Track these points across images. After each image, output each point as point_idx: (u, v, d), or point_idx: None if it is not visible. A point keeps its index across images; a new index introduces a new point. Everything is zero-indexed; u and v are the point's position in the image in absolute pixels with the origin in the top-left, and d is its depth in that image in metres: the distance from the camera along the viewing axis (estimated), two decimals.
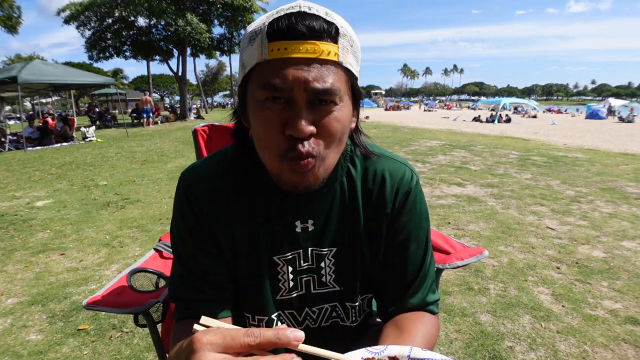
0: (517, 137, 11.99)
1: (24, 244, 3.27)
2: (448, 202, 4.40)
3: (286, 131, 0.54)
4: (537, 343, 1.89)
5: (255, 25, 0.57)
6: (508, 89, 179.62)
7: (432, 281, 0.74)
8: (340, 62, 0.55)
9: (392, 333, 0.66)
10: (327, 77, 0.53)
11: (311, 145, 0.55)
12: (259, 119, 0.56)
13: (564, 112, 38.43)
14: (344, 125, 0.58)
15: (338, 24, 0.55)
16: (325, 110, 0.55)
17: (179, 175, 0.71)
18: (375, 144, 0.74)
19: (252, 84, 0.57)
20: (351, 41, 0.57)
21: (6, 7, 18.46)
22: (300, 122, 0.53)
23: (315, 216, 0.69)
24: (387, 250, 0.72)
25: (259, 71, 0.55)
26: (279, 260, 0.70)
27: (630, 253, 2.96)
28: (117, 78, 34.44)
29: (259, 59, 0.54)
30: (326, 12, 0.55)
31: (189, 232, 0.68)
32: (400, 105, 44.34)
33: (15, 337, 1.99)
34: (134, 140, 11.08)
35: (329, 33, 0.53)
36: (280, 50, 0.52)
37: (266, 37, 0.53)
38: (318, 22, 0.53)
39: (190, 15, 16.65)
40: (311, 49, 0.52)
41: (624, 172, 6.09)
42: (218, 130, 1.31)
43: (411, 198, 0.71)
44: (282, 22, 0.52)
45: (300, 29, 0.52)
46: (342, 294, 0.74)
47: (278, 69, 0.52)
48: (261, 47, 0.54)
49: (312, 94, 0.53)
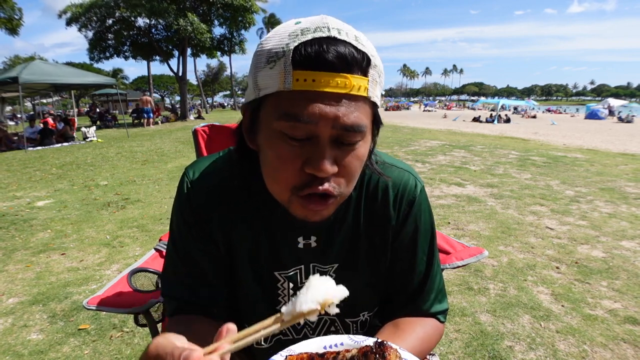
0: (516, 137, 11.99)
1: (25, 244, 3.28)
2: (448, 202, 4.41)
3: (306, 169, 0.50)
4: (537, 343, 1.89)
5: (275, 43, 0.50)
6: (508, 89, 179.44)
7: (438, 291, 0.71)
8: (369, 97, 0.51)
9: (388, 330, 0.66)
10: (357, 116, 0.49)
11: (331, 184, 0.52)
12: (274, 151, 0.52)
13: (563, 112, 38.46)
14: (364, 160, 0.56)
15: (369, 53, 0.50)
16: (349, 149, 0.52)
17: (183, 171, 0.70)
18: (378, 151, 0.71)
19: (268, 110, 0.52)
20: (380, 72, 0.52)
21: (7, 9, 18.44)
22: (324, 162, 0.49)
23: (318, 233, 0.67)
24: (391, 259, 0.70)
25: (279, 100, 0.50)
26: (279, 276, 0.68)
27: (630, 253, 2.97)
28: (117, 78, 34.38)
29: (281, 87, 0.48)
30: (356, 36, 0.50)
31: (187, 227, 0.66)
32: (400, 105, 44.36)
33: (16, 336, 2.00)
34: (134, 141, 11.08)
35: (360, 64, 0.49)
36: (308, 81, 0.47)
37: (291, 64, 0.47)
38: (349, 50, 0.48)
39: (190, 15, 16.66)
40: (342, 83, 0.47)
41: (623, 172, 6.09)
42: (218, 130, 1.31)
43: (415, 207, 0.68)
44: (310, 48, 0.47)
45: (330, 58, 0.46)
46: (343, 310, 0.72)
47: (303, 102, 0.48)
48: (285, 74, 0.48)
49: (340, 130, 0.49)
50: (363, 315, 0.74)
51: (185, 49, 19.25)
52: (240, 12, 18.36)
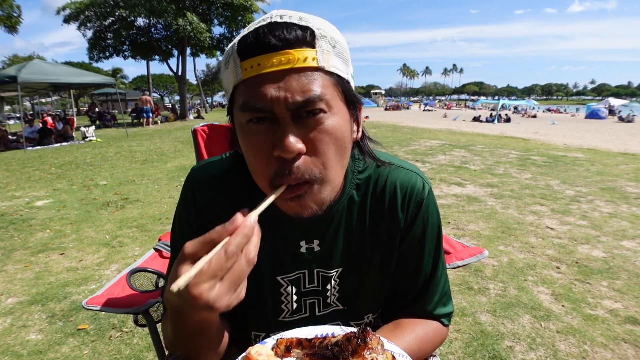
0: (517, 137, 11.99)
1: (24, 244, 3.27)
2: (448, 202, 4.40)
3: (275, 152, 0.50)
4: (537, 343, 1.89)
5: (230, 46, 0.53)
6: (508, 89, 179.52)
7: (443, 294, 0.71)
8: (322, 67, 0.50)
9: (387, 328, 0.66)
10: (308, 86, 0.49)
11: (304, 169, 0.50)
12: (247, 145, 0.53)
13: (563, 112, 38.49)
14: (341, 135, 0.53)
15: (314, 27, 0.50)
16: (315, 123, 0.50)
17: (188, 172, 0.70)
18: (386, 153, 0.71)
19: (235, 108, 0.53)
20: (333, 42, 0.52)
21: (6, 7, 18.43)
22: (287, 140, 0.48)
23: (321, 236, 0.66)
24: (398, 261, 0.69)
25: (238, 94, 0.52)
26: (282, 280, 0.67)
27: (630, 253, 2.96)
28: (116, 78, 34.40)
29: (235, 81, 0.51)
30: (300, 17, 0.51)
31: (190, 227, 0.66)
32: (401, 105, 44.31)
33: (15, 337, 1.99)
34: (134, 140, 11.08)
35: (304, 39, 0.49)
36: (254, 67, 0.49)
37: (238, 56, 0.50)
38: (290, 30, 0.49)
39: (190, 14, 16.65)
40: (285, 59, 0.48)
41: (624, 172, 6.09)
42: (218, 130, 1.31)
43: (423, 209, 0.67)
44: (250, 37, 0.49)
45: (270, 41, 0.48)
46: (347, 314, 0.71)
47: (255, 88, 0.49)
48: (235, 68, 0.51)
49: (295, 107, 0.49)
50: (367, 318, 0.73)
51: (185, 49, 19.24)
52: (240, 11, 18.34)
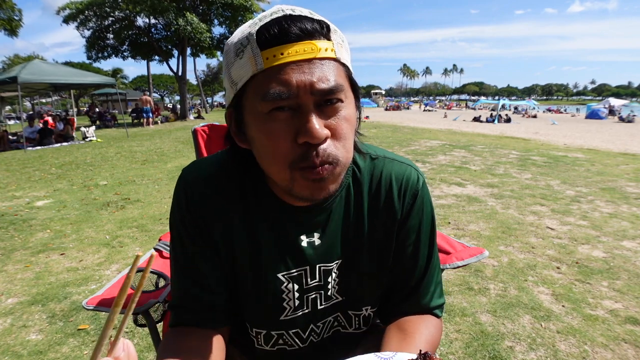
0: (517, 137, 11.99)
1: (24, 244, 3.27)
2: (448, 202, 4.40)
3: (300, 139, 0.51)
4: (537, 343, 1.89)
5: (239, 36, 0.53)
6: (508, 88, 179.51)
7: (437, 284, 0.72)
8: (338, 58, 0.53)
9: (395, 336, 0.64)
10: (330, 75, 0.51)
11: (327, 151, 0.52)
12: (265, 133, 0.53)
13: (563, 112, 38.51)
14: (352, 123, 0.57)
15: (326, 21, 0.54)
16: (334, 110, 0.53)
17: (181, 172, 0.69)
18: (373, 145, 0.72)
19: (250, 98, 0.53)
20: (341, 37, 0.56)
21: (7, 10, 18.40)
22: (314, 127, 0.50)
23: (320, 228, 0.66)
24: (395, 252, 0.70)
25: (257, 84, 0.52)
26: (284, 277, 0.67)
27: (631, 253, 2.96)
28: (116, 78, 34.38)
29: (254, 70, 0.51)
30: (310, 12, 0.54)
31: (185, 228, 0.65)
32: (401, 105, 44.36)
33: (15, 337, 1.99)
34: (134, 140, 11.08)
35: (321, 31, 0.52)
36: (277, 56, 0.50)
37: (257, 45, 0.50)
38: (308, 22, 0.51)
39: (190, 14, 16.64)
40: (308, 48, 0.50)
41: (624, 172, 6.09)
42: (218, 130, 1.31)
43: (418, 200, 0.69)
44: (272, 28, 0.50)
45: (293, 31, 0.50)
46: (346, 304, 0.72)
47: (279, 77, 0.50)
48: (254, 57, 0.51)
49: (320, 94, 0.51)
50: (366, 310, 0.73)
51: (185, 49, 19.23)
52: (240, 11, 18.34)
